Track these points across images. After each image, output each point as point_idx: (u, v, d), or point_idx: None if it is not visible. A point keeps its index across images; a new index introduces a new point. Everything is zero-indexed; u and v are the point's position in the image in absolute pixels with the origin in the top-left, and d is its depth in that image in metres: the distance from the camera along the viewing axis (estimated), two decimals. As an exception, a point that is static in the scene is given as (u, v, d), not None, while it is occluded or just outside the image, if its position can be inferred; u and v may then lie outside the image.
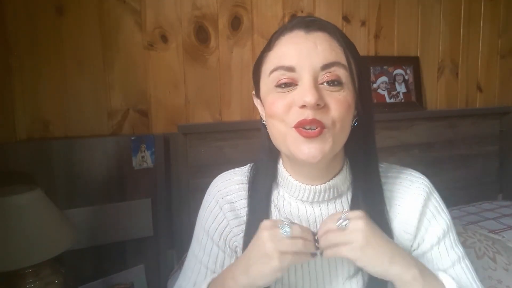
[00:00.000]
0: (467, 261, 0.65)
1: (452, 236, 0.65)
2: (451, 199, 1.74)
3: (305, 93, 0.54)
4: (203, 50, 1.41)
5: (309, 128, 0.55)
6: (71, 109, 1.25)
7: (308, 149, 0.55)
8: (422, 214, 0.64)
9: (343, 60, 0.57)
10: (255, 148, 0.71)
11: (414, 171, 0.69)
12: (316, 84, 0.55)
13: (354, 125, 0.60)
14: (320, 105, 0.54)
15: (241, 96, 1.47)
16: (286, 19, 1.51)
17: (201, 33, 1.40)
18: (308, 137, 0.54)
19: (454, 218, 1.53)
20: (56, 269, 1.00)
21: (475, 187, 1.86)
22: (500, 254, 1.13)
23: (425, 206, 0.64)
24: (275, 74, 0.58)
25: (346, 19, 1.63)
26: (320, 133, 0.54)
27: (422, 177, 0.68)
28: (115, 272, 1.24)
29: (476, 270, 1.06)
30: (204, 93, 1.42)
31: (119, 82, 1.30)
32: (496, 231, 1.38)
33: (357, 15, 1.65)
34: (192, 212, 1.35)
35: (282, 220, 0.55)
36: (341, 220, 0.54)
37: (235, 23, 1.45)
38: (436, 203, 0.66)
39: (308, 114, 0.54)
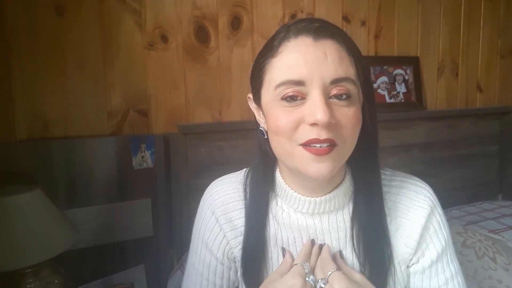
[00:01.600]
0: (460, 278, 0.64)
1: (449, 252, 0.64)
2: (451, 199, 1.74)
3: (316, 110, 0.50)
4: (203, 50, 1.41)
5: (320, 146, 0.52)
6: (71, 109, 1.25)
7: (318, 168, 0.52)
8: (425, 229, 0.62)
9: (352, 74, 0.54)
10: (253, 159, 0.69)
11: (418, 180, 0.67)
12: (327, 99, 0.52)
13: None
14: (332, 123, 0.51)
15: (241, 96, 1.47)
16: (286, 19, 1.51)
17: (201, 33, 1.40)
18: (318, 154, 0.52)
19: (454, 218, 1.54)
20: (56, 269, 1.00)
21: (475, 187, 1.86)
22: (500, 254, 1.13)
23: (428, 221, 0.62)
24: (282, 88, 0.53)
25: (346, 19, 1.63)
26: (330, 150, 0.52)
27: (427, 188, 0.65)
28: (115, 272, 1.23)
29: (476, 270, 1.07)
30: (204, 93, 1.42)
31: (119, 82, 1.30)
32: (496, 231, 1.38)
33: (357, 15, 1.65)
34: (192, 212, 1.34)
35: (304, 267, 0.57)
36: (320, 282, 0.56)
37: (235, 23, 1.45)
38: (439, 218, 0.64)
39: (320, 133, 0.51)
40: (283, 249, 0.62)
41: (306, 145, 0.52)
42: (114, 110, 1.31)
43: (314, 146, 0.52)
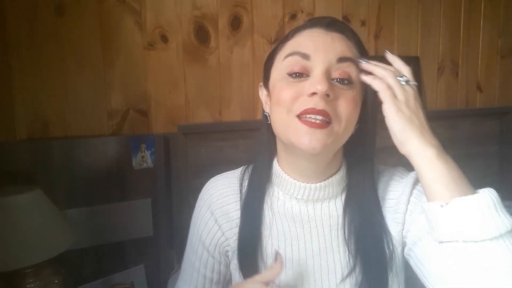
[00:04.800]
0: None
1: None
2: (451, 199, 1.74)
3: (316, 81, 0.54)
4: (203, 50, 1.41)
5: (315, 119, 0.54)
6: (71, 109, 1.25)
7: (310, 140, 0.54)
8: (410, 197, 0.62)
9: (356, 59, 0.58)
10: (255, 148, 0.71)
11: (405, 169, 0.68)
12: (329, 77, 0.55)
13: (355, 130, 0.60)
14: (330, 96, 0.54)
15: (241, 96, 1.47)
16: (286, 19, 1.51)
17: (201, 33, 1.40)
18: (312, 127, 0.54)
19: (454, 218, 1.54)
20: (56, 269, 1.00)
21: (475, 187, 1.85)
22: (500, 254, 1.13)
23: (411, 192, 0.62)
24: (290, 59, 0.58)
25: (346, 19, 1.63)
26: (325, 127, 0.54)
27: (411, 173, 0.66)
28: (115, 272, 1.24)
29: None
30: (204, 93, 1.42)
31: (119, 82, 1.30)
32: (496, 231, 1.38)
33: (357, 15, 1.65)
34: (192, 212, 1.35)
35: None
36: (404, 77, 0.57)
37: (235, 23, 1.45)
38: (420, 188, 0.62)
39: (317, 103, 0.53)
40: (276, 253, 0.59)
41: (302, 115, 0.54)
42: (114, 110, 1.31)
43: (310, 118, 0.54)
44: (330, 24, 0.59)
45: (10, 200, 0.90)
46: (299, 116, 0.55)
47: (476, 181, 0.56)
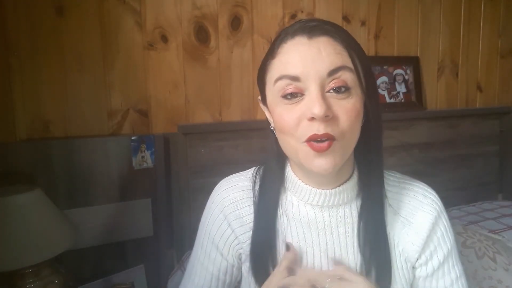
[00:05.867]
0: (463, 280, 0.66)
1: (454, 255, 0.66)
2: (451, 199, 1.74)
3: (313, 104, 0.53)
4: (203, 50, 1.41)
5: (320, 141, 0.54)
6: (71, 109, 1.25)
7: (320, 163, 0.54)
8: (433, 231, 0.65)
9: (349, 63, 0.55)
10: (256, 148, 0.70)
11: (427, 185, 0.69)
12: (323, 93, 0.54)
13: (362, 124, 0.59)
14: (329, 116, 0.53)
15: (241, 96, 1.47)
16: (286, 19, 1.51)
17: (201, 33, 1.40)
18: (319, 150, 0.54)
19: (454, 218, 1.54)
20: (56, 269, 1.00)
21: (475, 187, 1.86)
22: (500, 254, 1.13)
23: (436, 224, 0.65)
24: (280, 83, 0.56)
25: (346, 19, 1.63)
26: (330, 145, 0.54)
27: (434, 193, 0.68)
28: (115, 272, 1.24)
29: (476, 270, 1.07)
30: (204, 93, 1.42)
31: (119, 82, 1.30)
32: (496, 231, 1.38)
33: (357, 15, 1.65)
34: (192, 212, 1.35)
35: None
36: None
37: (235, 23, 1.45)
38: (446, 223, 0.66)
39: (318, 129, 0.53)
40: (287, 244, 0.63)
41: (309, 141, 0.54)
42: (114, 110, 1.31)
43: (316, 141, 0.54)
44: (312, 29, 0.56)
45: (10, 200, 0.90)
46: (305, 142, 0.55)
47: (476, 181, 0.57)
